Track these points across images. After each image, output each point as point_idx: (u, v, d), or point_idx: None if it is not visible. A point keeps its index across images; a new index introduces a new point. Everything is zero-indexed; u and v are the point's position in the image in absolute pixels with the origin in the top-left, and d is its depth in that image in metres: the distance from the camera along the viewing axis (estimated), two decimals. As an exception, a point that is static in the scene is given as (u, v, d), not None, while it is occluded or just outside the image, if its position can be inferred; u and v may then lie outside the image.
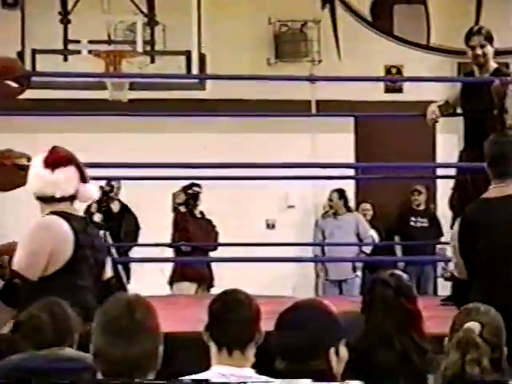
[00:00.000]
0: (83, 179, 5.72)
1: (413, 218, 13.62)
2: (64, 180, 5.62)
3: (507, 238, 5.36)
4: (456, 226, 5.64)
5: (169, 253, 12.76)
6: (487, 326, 3.93)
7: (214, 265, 12.63)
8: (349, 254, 13.49)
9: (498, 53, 8.68)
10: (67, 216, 5.60)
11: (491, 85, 8.10)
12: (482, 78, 8.35)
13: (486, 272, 5.36)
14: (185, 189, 12.79)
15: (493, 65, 8.38)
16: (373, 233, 13.70)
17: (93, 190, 5.89)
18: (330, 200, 13.57)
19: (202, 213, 13.02)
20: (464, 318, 4.00)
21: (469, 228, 5.45)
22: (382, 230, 13.75)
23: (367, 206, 13.80)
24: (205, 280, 12.75)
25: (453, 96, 8.71)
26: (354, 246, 13.45)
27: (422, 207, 13.72)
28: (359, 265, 13.40)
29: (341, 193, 13.52)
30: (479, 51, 8.27)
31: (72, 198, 5.70)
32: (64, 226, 5.54)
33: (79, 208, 5.96)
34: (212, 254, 12.86)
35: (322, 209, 13.76)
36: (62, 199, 5.64)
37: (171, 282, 12.82)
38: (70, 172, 5.65)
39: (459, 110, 8.76)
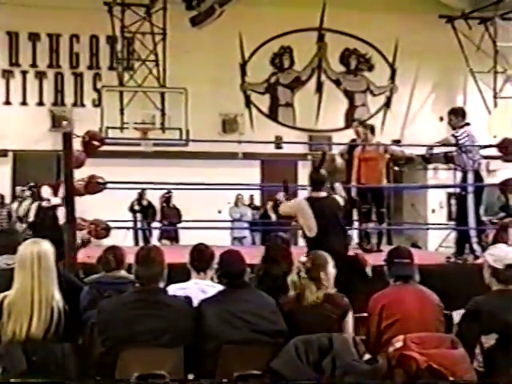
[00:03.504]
0: None
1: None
2: None
3: (328, 213, 5.26)
4: (302, 201, 5.37)
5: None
6: (311, 259, 3.93)
7: (180, 231, 12.69)
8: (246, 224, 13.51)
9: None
10: None
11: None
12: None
13: (321, 229, 5.23)
14: (164, 195, 13.00)
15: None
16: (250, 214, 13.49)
17: None
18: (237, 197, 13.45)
19: (173, 205, 13.10)
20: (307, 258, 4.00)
21: (312, 206, 5.27)
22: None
23: (271, 203, 13.28)
24: (174, 239, 12.78)
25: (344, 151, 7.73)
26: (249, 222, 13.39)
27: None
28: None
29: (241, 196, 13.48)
30: (359, 134, 7.70)
31: None
32: None
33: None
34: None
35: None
36: None
37: (159, 239, 12.84)
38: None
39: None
